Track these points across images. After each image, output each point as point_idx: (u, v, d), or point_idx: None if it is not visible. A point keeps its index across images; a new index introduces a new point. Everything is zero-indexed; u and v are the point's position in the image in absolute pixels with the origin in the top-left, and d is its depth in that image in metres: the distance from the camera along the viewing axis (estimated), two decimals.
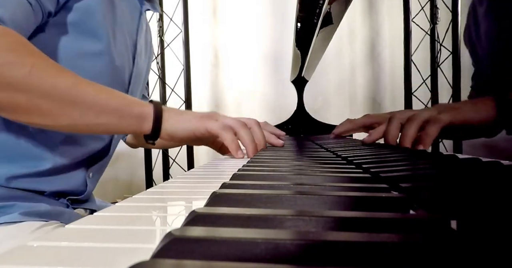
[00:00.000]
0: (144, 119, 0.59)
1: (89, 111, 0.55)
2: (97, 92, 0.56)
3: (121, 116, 0.58)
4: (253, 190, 0.26)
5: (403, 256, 0.14)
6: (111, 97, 0.58)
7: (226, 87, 2.20)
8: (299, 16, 0.93)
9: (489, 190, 0.26)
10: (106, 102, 0.57)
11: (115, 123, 0.58)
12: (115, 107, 0.57)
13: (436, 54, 1.91)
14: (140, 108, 0.59)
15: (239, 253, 0.15)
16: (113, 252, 0.18)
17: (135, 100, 0.61)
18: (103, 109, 0.56)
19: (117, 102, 0.58)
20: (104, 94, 0.57)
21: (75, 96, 0.54)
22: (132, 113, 0.58)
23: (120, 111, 0.57)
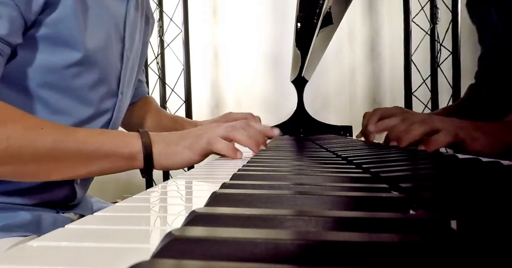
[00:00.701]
0: (134, 159, 0.59)
1: (78, 163, 0.56)
2: (81, 143, 0.55)
3: (112, 161, 0.58)
4: (253, 190, 0.26)
5: (403, 256, 0.14)
6: (95, 145, 0.56)
7: (226, 87, 2.20)
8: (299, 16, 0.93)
9: (489, 190, 0.26)
10: (92, 152, 0.56)
11: (108, 167, 0.58)
12: (102, 155, 0.57)
13: (436, 54, 1.91)
14: (128, 149, 0.58)
15: (239, 253, 0.15)
16: (113, 252, 0.18)
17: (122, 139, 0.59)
18: (92, 158, 0.56)
19: (104, 148, 0.57)
20: (88, 143, 0.56)
21: (59, 154, 0.54)
22: (122, 156, 0.58)
23: (110, 156, 0.57)
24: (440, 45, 1.90)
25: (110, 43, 0.70)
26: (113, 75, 0.71)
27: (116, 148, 0.57)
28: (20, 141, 0.52)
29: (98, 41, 0.67)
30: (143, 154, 0.58)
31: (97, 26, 0.67)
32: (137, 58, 0.81)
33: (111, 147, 0.57)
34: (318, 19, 0.82)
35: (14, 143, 0.51)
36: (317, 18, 0.82)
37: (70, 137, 0.55)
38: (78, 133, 0.56)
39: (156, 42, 2.00)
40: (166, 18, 2.00)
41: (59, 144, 0.54)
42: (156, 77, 1.99)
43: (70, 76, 0.63)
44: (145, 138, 0.59)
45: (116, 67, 0.72)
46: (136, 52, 0.79)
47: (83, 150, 0.55)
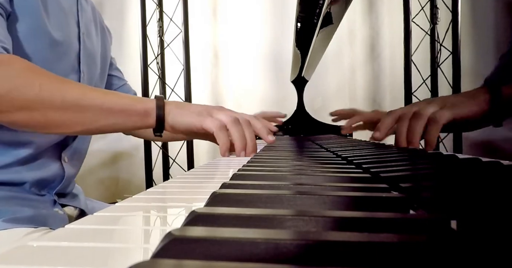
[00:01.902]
0: (148, 115, 0.64)
1: (99, 115, 0.61)
2: (103, 97, 0.62)
3: (127, 115, 0.62)
4: (253, 190, 0.26)
5: (403, 256, 0.14)
6: (116, 99, 0.63)
7: (226, 87, 2.20)
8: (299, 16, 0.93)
9: (489, 190, 0.26)
10: (113, 104, 0.62)
11: (122, 122, 0.63)
12: (121, 108, 0.62)
13: (436, 54, 1.91)
14: (143, 105, 0.64)
15: (239, 253, 0.15)
16: (113, 252, 0.18)
17: (138, 99, 0.66)
18: (111, 111, 0.61)
19: (123, 102, 0.63)
20: (109, 97, 0.62)
21: (85, 105, 0.60)
22: (137, 111, 0.63)
23: (126, 110, 0.62)
24: (440, 45, 1.90)
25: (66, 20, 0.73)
26: (73, 52, 0.75)
27: (132, 103, 0.63)
28: (51, 88, 0.58)
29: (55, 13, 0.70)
30: (156, 110, 0.64)
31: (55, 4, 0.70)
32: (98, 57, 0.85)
33: (127, 102, 0.63)
34: (318, 19, 0.82)
35: (46, 89, 0.57)
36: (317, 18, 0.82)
37: (96, 92, 0.62)
38: (100, 90, 0.65)
39: (156, 42, 2.00)
40: (166, 18, 2.00)
41: (84, 96, 0.60)
42: (156, 77, 1.99)
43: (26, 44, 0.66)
44: (159, 100, 0.65)
45: (74, 45, 0.76)
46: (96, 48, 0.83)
47: (104, 102, 0.61)
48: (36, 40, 0.67)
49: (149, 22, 1.95)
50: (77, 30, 0.77)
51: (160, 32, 1.98)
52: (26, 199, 0.68)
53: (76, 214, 0.78)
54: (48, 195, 0.72)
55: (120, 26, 2.17)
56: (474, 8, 2.03)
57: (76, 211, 0.78)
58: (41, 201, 0.70)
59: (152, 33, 1.98)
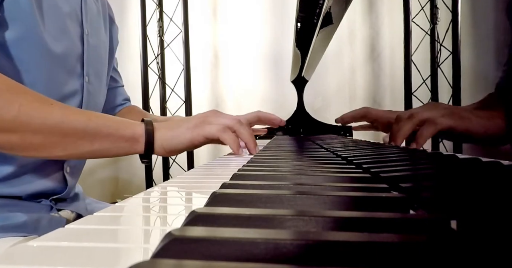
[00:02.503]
0: (136, 141, 0.60)
1: (82, 140, 0.57)
2: (87, 121, 0.57)
3: (113, 141, 0.59)
4: (253, 190, 0.26)
5: (403, 256, 0.14)
6: (101, 123, 0.59)
7: (226, 87, 2.20)
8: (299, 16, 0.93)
9: (489, 190, 0.26)
10: (97, 129, 0.58)
11: (108, 147, 0.59)
12: (106, 133, 0.58)
13: (436, 54, 1.91)
14: (131, 130, 0.60)
15: (239, 253, 0.15)
16: (113, 252, 0.18)
17: (126, 123, 0.61)
18: (94, 137, 0.58)
19: (108, 127, 0.59)
20: (94, 121, 0.58)
21: (66, 129, 0.56)
22: (124, 137, 0.60)
23: (112, 136, 0.59)
24: (440, 45, 1.90)
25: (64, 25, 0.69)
26: (73, 57, 0.71)
27: (119, 129, 0.59)
28: (31, 110, 0.54)
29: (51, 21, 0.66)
30: (145, 137, 0.60)
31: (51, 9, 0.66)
32: (106, 52, 0.82)
33: (114, 127, 0.59)
34: (318, 19, 0.82)
35: (25, 111, 0.53)
36: (317, 18, 0.82)
37: (77, 115, 0.58)
38: (84, 112, 0.59)
39: (156, 42, 2.00)
40: (166, 18, 2.00)
41: (66, 119, 0.56)
42: (156, 77, 1.99)
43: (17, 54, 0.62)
44: (148, 125, 0.61)
45: (76, 48, 0.72)
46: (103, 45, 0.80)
47: (88, 127, 0.57)
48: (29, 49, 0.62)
49: (149, 22, 1.95)
50: (80, 31, 0.73)
51: (160, 32, 1.98)
52: (19, 205, 0.65)
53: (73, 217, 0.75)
54: (45, 201, 0.69)
55: (120, 26, 2.15)
56: (474, 8, 2.04)
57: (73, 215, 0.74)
58: (36, 207, 0.67)
59: (152, 33, 1.98)
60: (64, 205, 0.73)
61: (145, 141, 0.60)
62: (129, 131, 0.60)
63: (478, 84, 1.96)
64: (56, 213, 0.70)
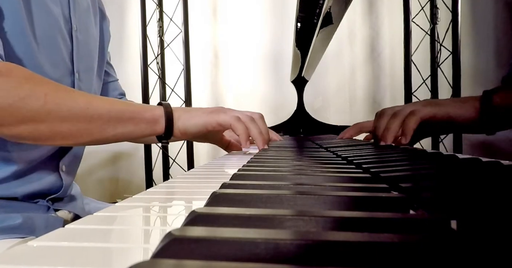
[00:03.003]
0: (156, 122, 0.63)
1: (106, 125, 0.59)
2: (110, 105, 0.60)
3: (135, 123, 0.61)
4: (253, 190, 0.26)
5: (403, 256, 0.14)
6: (123, 107, 0.61)
7: (226, 87, 2.20)
8: (299, 16, 0.93)
9: (489, 190, 0.26)
10: (120, 113, 0.60)
11: (131, 130, 0.61)
12: (129, 116, 0.60)
13: (436, 54, 1.91)
14: (151, 113, 0.63)
15: (239, 253, 0.15)
16: (113, 252, 0.18)
17: (145, 106, 0.65)
18: (118, 120, 0.59)
19: (131, 110, 0.61)
20: (116, 106, 0.60)
21: (92, 115, 0.57)
22: (145, 119, 0.62)
23: (134, 119, 0.61)
24: (440, 45, 1.90)
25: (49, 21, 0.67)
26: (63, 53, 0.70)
27: (140, 111, 0.62)
28: (57, 98, 0.55)
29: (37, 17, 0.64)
30: (165, 117, 0.63)
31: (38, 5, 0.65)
32: (96, 48, 0.81)
33: (135, 110, 0.62)
34: (318, 19, 0.82)
35: (52, 100, 0.54)
36: (317, 18, 0.82)
37: (102, 101, 0.60)
38: (106, 98, 0.62)
39: (156, 42, 1.99)
40: (166, 18, 2.00)
41: (91, 105, 0.57)
42: (156, 77, 1.99)
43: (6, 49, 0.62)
44: (167, 106, 0.65)
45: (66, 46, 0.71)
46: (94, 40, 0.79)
47: (111, 111, 0.59)
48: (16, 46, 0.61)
49: (149, 22, 1.95)
50: (69, 27, 0.71)
51: (160, 32, 1.98)
52: (15, 206, 0.64)
53: (70, 217, 0.74)
54: (42, 201, 0.69)
55: (120, 26, 2.17)
56: (474, 8, 2.03)
57: (71, 215, 0.74)
58: (33, 208, 0.67)
59: (152, 33, 1.98)
60: (61, 205, 0.72)
61: (165, 121, 0.63)
62: (149, 113, 0.62)
63: (478, 84, 1.96)
64: (53, 213, 0.69)
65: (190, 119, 0.65)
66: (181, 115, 0.65)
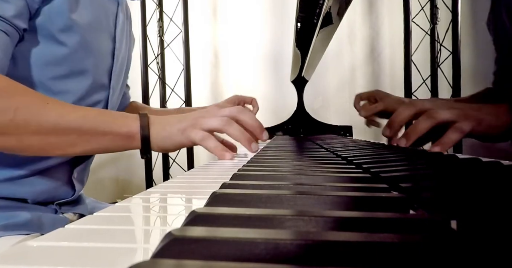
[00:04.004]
0: (133, 138, 0.60)
1: (79, 140, 0.58)
2: (82, 120, 0.57)
3: (110, 139, 0.59)
4: (253, 190, 0.26)
5: (403, 256, 0.14)
6: (97, 122, 0.59)
7: (226, 87, 2.20)
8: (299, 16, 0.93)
9: (489, 190, 0.26)
10: (93, 128, 0.58)
11: (105, 145, 0.60)
12: (102, 131, 0.58)
13: (436, 54, 1.91)
14: (128, 128, 0.60)
15: (239, 253, 0.15)
16: (113, 252, 0.18)
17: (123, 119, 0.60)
18: (91, 135, 0.58)
19: (104, 126, 0.59)
20: (89, 120, 0.58)
21: (62, 129, 0.56)
22: (121, 134, 0.59)
23: (108, 134, 0.59)
24: (440, 45, 1.90)
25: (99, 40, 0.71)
26: (104, 70, 0.74)
27: (114, 127, 0.59)
28: (27, 113, 0.54)
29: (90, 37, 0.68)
30: (140, 134, 0.60)
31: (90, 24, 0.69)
32: (125, 61, 0.83)
33: (110, 125, 0.59)
34: (318, 19, 0.82)
35: (21, 114, 0.54)
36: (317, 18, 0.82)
37: (72, 114, 0.57)
38: (79, 111, 0.58)
39: (156, 42, 1.99)
40: (166, 18, 2.00)
41: (62, 119, 0.56)
42: (156, 77, 1.99)
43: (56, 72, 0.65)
44: (143, 120, 0.60)
45: (107, 63, 0.74)
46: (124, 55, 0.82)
47: (84, 126, 0.57)
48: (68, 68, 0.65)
49: (149, 22, 1.95)
50: (112, 46, 0.75)
51: (160, 32, 1.98)
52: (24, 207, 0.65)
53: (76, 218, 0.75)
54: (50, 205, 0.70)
55: None
56: (474, 8, 2.03)
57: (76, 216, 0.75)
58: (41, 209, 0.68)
59: (152, 33, 1.98)
60: (68, 208, 0.74)
61: (141, 140, 0.60)
62: (125, 129, 0.60)
63: (478, 84, 1.95)
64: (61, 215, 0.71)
65: (166, 138, 0.61)
66: (159, 133, 0.61)
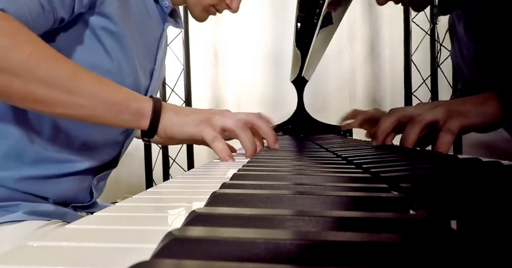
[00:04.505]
0: (141, 116, 0.58)
1: (86, 102, 0.54)
2: (96, 83, 0.55)
3: (118, 111, 0.56)
4: (253, 190, 0.26)
5: (403, 256, 0.14)
6: (109, 89, 0.56)
7: (226, 87, 2.20)
8: (299, 16, 0.93)
9: (489, 190, 0.26)
10: (104, 94, 0.55)
11: (111, 116, 0.56)
12: (113, 101, 0.56)
13: (436, 54, 1.91)
14: (138, 105, 0.58)
15: (239, 253, 0.15)
16: (113, 252, 0.18)
17: (134, 95, 0.59)
18: (100, 101, 0.55)
19: (116, 95, 0.56)
20: (103, 86, 0.56)
21: (72, 86, 0.53)
22: (130, 109, 0.57)
23: (118, 105, 0.56)
24: (440, 45, 1.90)
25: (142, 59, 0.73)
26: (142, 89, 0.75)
27: (126, 100, 0.57)
28: (41, 59, 0.52)
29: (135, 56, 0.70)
30: (151, 114, 0.58)
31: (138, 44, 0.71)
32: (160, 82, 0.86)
33: (122, 96, 0.57)
34: (318, 19, 0.82)
35: (34, 57, 0.51)
36: (317, 18, 0.82)
37: (89, 76, 0.55)
38: (97, 76, 0.56)
39: None
40: None
41: (76, 75, 0.54)
42: None
43: None
44: (157, 102, 0.59)
45: (144, 84, 0.76)
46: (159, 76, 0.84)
47: (95, 90, 0.55)
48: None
49: None
50: (152, 67, 0.77)
51: None
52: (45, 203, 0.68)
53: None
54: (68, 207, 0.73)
55: None
56: None
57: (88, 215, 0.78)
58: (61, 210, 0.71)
59: None
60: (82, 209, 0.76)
61: (150, 120, 0.58)
62: (135, 105, 0.57)
63: None
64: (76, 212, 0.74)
65: (178, 125, 0.60)
66: (171, 118, 0.60)
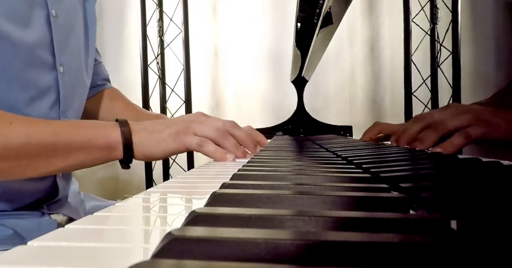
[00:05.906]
0: (113, 149, 0.55)
1: (53, 158, 0.52)
2: (55, 136, 0.52)
3: (88, 152, 0.54)
4: (253, 190, 0.26)
5: (403, 256, 0.14)
6: (71, 136, 0.53)
7: (226, 87, 2.20)
8: (299, 16, 0.93)
9: (489, 190, 0.26)
10: (68, 144, 0.53)
11: (85, 160, 0.54)
12: (79, 146, 0.53)
13: (436, 54, 1.91)
14: (106, 139, 0.55)
15: (239, 253, 0.15)
16: (112, 252, 0.18)
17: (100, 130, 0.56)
18: (67, 152, 0.53)
19: (80, 140, 0.54)
20: (62, 136, 0.53)
21: (32, 150, 0.50)
22: (99, 147, 0.54)
23: (86, 148, 0.54)
24: (440, 45, 1.90)
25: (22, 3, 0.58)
26: (37, 44, 0.60)
27: (92, 139, 0.54)
28: None
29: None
30: (123, 143, 0.55)
31: None
32: (81, 36, 0.70)
33: (86, 137, 0.54)
34: (318, 19, 0.82)
35: None
36: (317, 18, 0.82)
37: (42, 130, 0.51)
38: (50, 126, 0.53)
39: (156, 42, 1.99)
40: (166, 18, 2.00)
41: (31, 139, 0.50)
42: (156, 77, 1.99)
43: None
44: (125, 127, 0.55)
45: (41, 35, 0.61)
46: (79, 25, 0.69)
47: (57, 143, 0.52)
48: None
49: (149, 22, 1.95)
50: (44, 12, 0.60)
51: (160, 32, 1.98)
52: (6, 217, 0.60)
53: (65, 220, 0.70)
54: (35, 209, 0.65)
55: (120, 26, 2.16)
56: (474, 8, 2.03)
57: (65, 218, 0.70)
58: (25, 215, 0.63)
59: (152, 33, 1.98)
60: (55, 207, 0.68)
61: (123, 149, 0.55)
62: (103, 140, 0.54)
63: (478, 84, 1.96)
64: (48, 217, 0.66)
65: (156, 145, 0.57)
66: (144, 139, 0.56)
